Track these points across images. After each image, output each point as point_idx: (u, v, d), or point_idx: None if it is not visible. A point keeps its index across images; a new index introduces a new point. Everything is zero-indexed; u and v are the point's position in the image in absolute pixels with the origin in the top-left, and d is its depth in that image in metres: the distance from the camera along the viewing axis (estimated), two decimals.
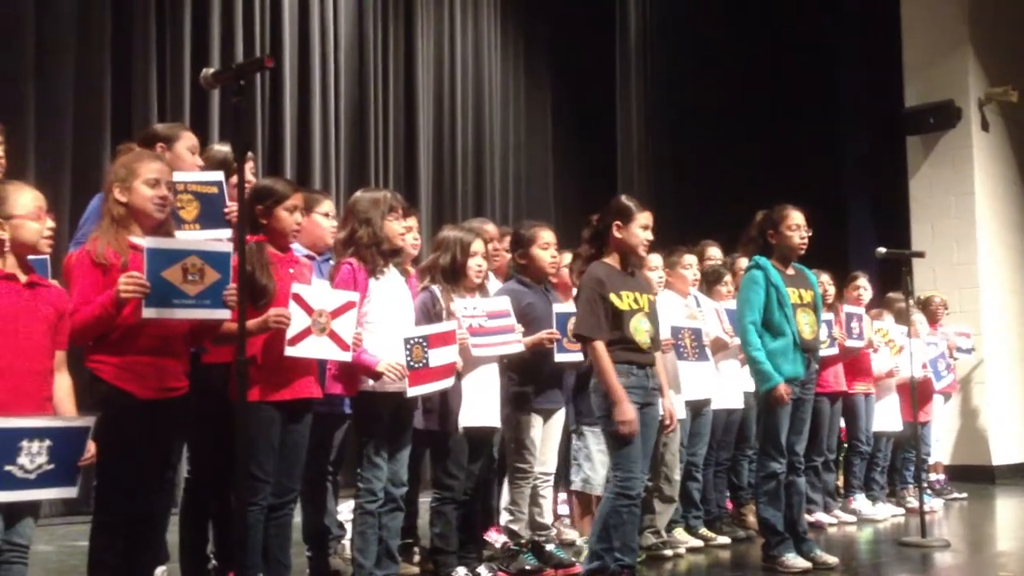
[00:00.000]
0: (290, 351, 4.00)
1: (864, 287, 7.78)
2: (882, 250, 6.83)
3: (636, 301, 4.69)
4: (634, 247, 4.77)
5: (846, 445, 7.87)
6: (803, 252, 5.61)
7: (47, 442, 3.29)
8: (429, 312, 4.76)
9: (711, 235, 7.50)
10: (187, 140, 4.58)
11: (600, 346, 4.58)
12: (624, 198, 4.86)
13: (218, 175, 4.47)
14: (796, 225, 5.56)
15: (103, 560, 3.69)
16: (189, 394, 3.84)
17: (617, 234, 4.74)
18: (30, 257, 3.58)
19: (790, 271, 5.61)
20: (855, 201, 13.90)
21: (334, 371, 4.55)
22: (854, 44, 13.86)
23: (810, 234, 5.61)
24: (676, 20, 12.97)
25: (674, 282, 6.28)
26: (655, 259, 6.03)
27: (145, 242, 3.57)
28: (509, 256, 5.59)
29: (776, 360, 5.40)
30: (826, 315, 7.07)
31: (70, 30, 7.49)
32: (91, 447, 3.42)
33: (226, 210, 4.37)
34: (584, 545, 5.47)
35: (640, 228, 4.75)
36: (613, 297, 4.63)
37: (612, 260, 4.78)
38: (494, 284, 5.55)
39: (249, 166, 4.91)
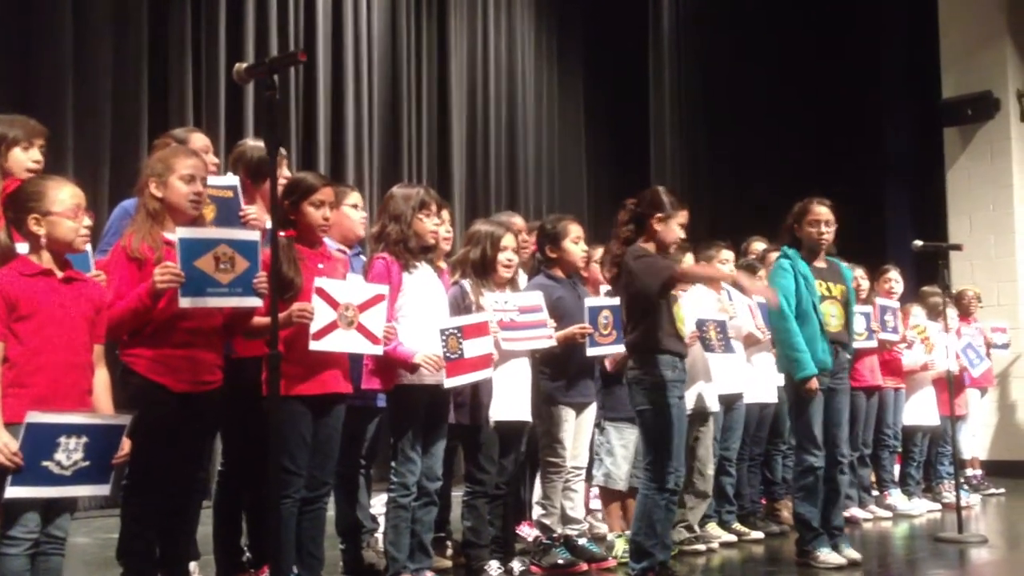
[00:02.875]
0: (315, 345, 4.01)
1: (896, 280, 7.71)
2: (919, 243, 6.78)
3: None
4: (671, 244, 4.84)
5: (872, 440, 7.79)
6: (824, 246, 5.57)
7: (84, 439, 3.32)
8: (459, 306, 4.78)
9: (745, 227, 7.46)
10: (197, 140, 4.63)
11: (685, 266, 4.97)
12: (664, 192, 4.90)
13: (233, 180, 4.54)
14: (817, 220, 5.54)
15: (134, 550, 3.74)
16: (222, 387, 3.88)
17: (656, 226, 4.79)
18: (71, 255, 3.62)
19: (821, 263, 5.58)
20: (892, 193, 13.77)
21: (371, 366, 4.57)
22: (892, 35, 13.71)
23: (832, 229, 5.58)
24: (710, 13, 12.89)
25: None
26: (687, 257, 6.02)
27: (178, 232, 3.60)
28: (535, 250, 5.59)
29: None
30: (864, 308, 7.04)
31: (106, 28, 7.56)
32: (125, 445, 3.45)
33: (241, 213, 4.41)
34: (616, 540, 5.48)
35: (678, 225, 4.81)
36: None
37: (650, 247, 4.81)
38: (522, 277, 5.56)
39: (286, 163, 4.95)
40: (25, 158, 3.95)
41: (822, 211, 5.58)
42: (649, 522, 4.69)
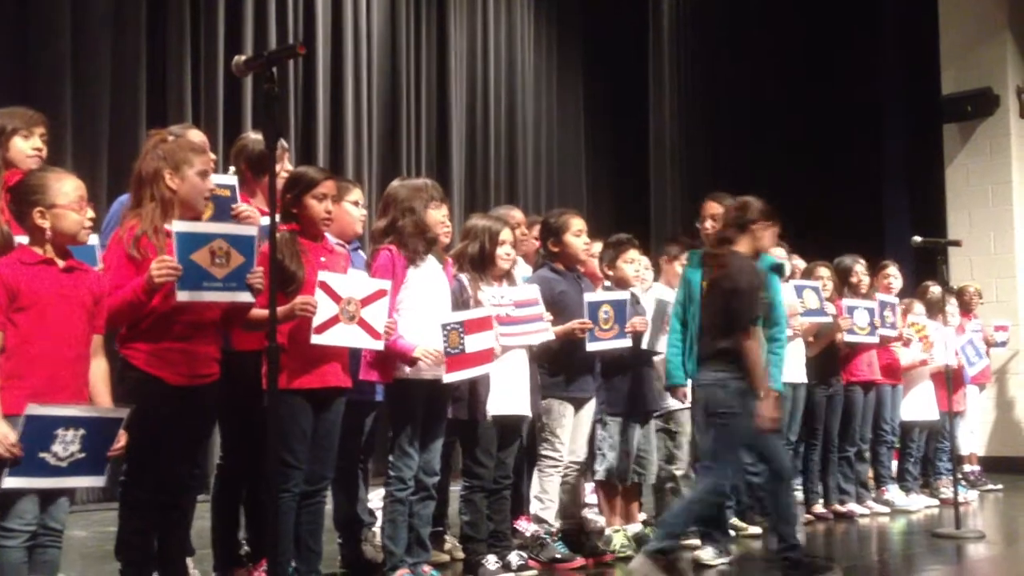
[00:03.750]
0: (316, 339, 4.01)
1: (894, 275, 7.71)
2: (918, 239, 6.77)
3: None
4: (764, 249, 5.05)
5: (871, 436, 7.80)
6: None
7: (81, 431, 3.32)
8: (457, 301, 4.77)
9: None
10: (195, 137, 4.63)
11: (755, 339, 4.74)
12: (764, 203, 5.04)
13: (232, 179, 4.55)
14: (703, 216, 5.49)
15: (132, 543, 3.74)
16: (220, 381, 3.87)
17: (756, 232, 4.94)
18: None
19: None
20: (891, 189, 13.77)
21: (369, 358, 4.56)
22: (892, 31, 13.71)
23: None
24: (710, 7, 12.88)
25: None
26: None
27: (174, 225, 3.59)
28: (537, 242, 5.59)
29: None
30: (868, 303, 7.05)
31: (105, 21, 7.56)
32: (121, 437, 3.45)
33: (233, 209, 4.40)
34: (613, 534, 5.48)
35: (772, 234, 5.05)
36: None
37: (747, 251, 4.96)
38: (524, 268, 5.56)
39: (288, 157, 4.95)
40: (26, 146, 3.99)
41: (712, 207, 5.59)
42: (694, 515, 4.86)
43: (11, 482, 3.24)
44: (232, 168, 4.80)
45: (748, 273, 4.82)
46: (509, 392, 4.88)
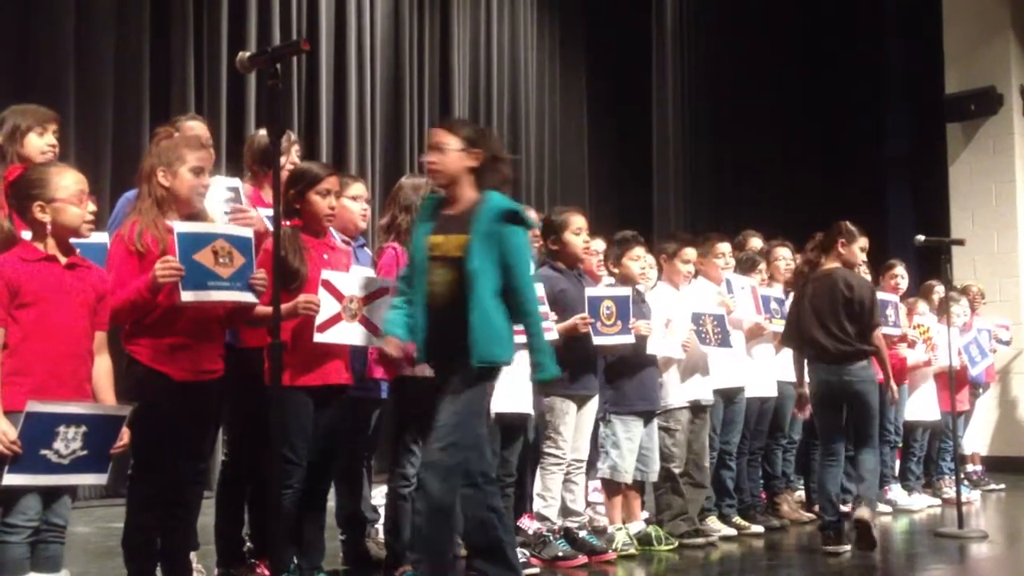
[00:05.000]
0: (319, 337, 4.01)
1: (902, 275, 7.70)
2: (921, 238, 6.76)
3: None
4: (854, 264, 5.94)
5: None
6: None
7: (83, 428, 3.33)
8: None
9: (746, 222, 7.45)
10: (194, 127, 4.68)
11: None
12: (850, 223, 5.96)
13: (235, 181, 4.56)
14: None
15: (136, 538, 3.74)
16: (224, 377, 3.87)
17: (841, 249, 5.87)
18: (85, 241, 3.61)
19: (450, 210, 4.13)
20: (894, 188, 13.76)
21: (375, 355, 4.56)
22: (895, 30, 13.70)
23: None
24: (713, 6, 12.87)
25: (707, 270, 6.25)
26: (690, 253, 6.02)
27: (175, 227, 3.59)
28: (541, 242, 5.58)
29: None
30: None
31: (109, 15, 7.55)
32: (124, 435, 3.45)
33: (231, 210, 4.39)
34: (616, 532, 5.47)
35: (859, 249, 5.94)
36: None
37: (835, 265, 5.87)
38: None
39: (295, 149, 4.95)
40: (41, 143, 4.12)
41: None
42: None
43: (12, 479, 3.24)
44: (246, 174, 4.81)
45: (868, 284, 6.00)
46: (512, 390, 4.86)
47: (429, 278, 3.90)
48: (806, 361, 5.89)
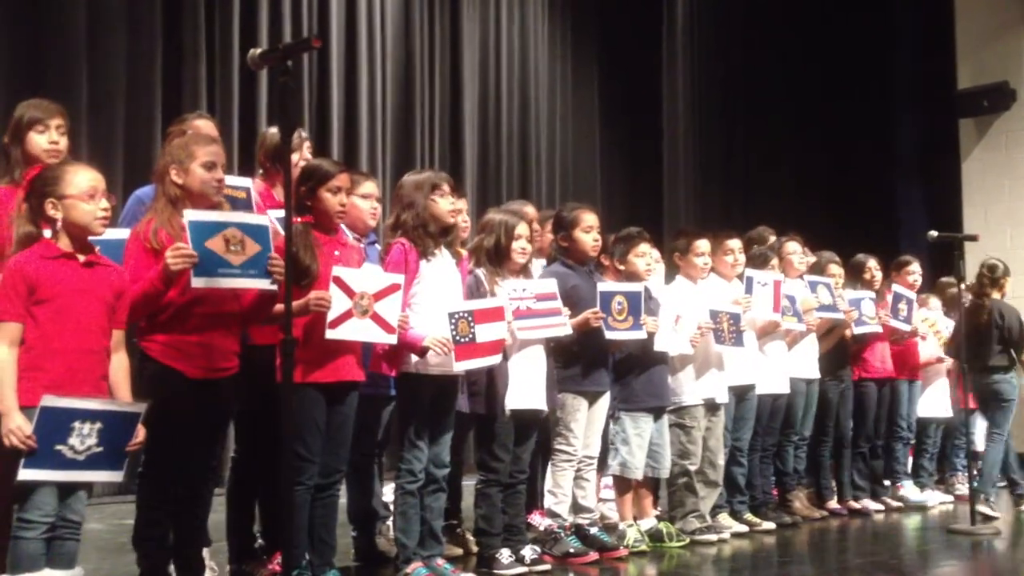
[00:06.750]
0: (331, 334, 4.01)
1: (917, 272, 7.67)
2: (934, 233, 6.73)
3: None
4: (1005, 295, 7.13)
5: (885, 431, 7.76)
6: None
7: (98, 424, 3.33)
8: (474, 295, 4.77)
9: (757, 220, 7.43)
10: (201, 125, 4.63)
11: None
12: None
13: (247, 181, 4.56)
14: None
15: (149, 534, 3.75)
16: (238, 374, 3.88)
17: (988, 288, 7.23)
18: (105, 238, 3.62)
19: None
20: (906, 184, 13.73)
21: (380, 350, 4.56)
22: (907, 25, 13.66)
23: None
24: (723, 4, 12.84)
25: (718, 266, 6.23)
26: (703, 244, 6.00)
27: (186, 215, 3.60)
28: (550, 238, 5.58)
29: None
30: (868, 293, 7.04)
31: (120, 12, 7.57)
32: (140, 432, 3.46)
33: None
34: (627, 529, 5.47)
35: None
36: None
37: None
38: (537, 264, 5.54)
39: (307, 146, 4.96)
40: (43, 140, 3.96)
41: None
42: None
43: (27, 474, 3.25)
44: (259, 172, 4.81)
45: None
46: (527, 386, 4.87)
47: None
48: None
